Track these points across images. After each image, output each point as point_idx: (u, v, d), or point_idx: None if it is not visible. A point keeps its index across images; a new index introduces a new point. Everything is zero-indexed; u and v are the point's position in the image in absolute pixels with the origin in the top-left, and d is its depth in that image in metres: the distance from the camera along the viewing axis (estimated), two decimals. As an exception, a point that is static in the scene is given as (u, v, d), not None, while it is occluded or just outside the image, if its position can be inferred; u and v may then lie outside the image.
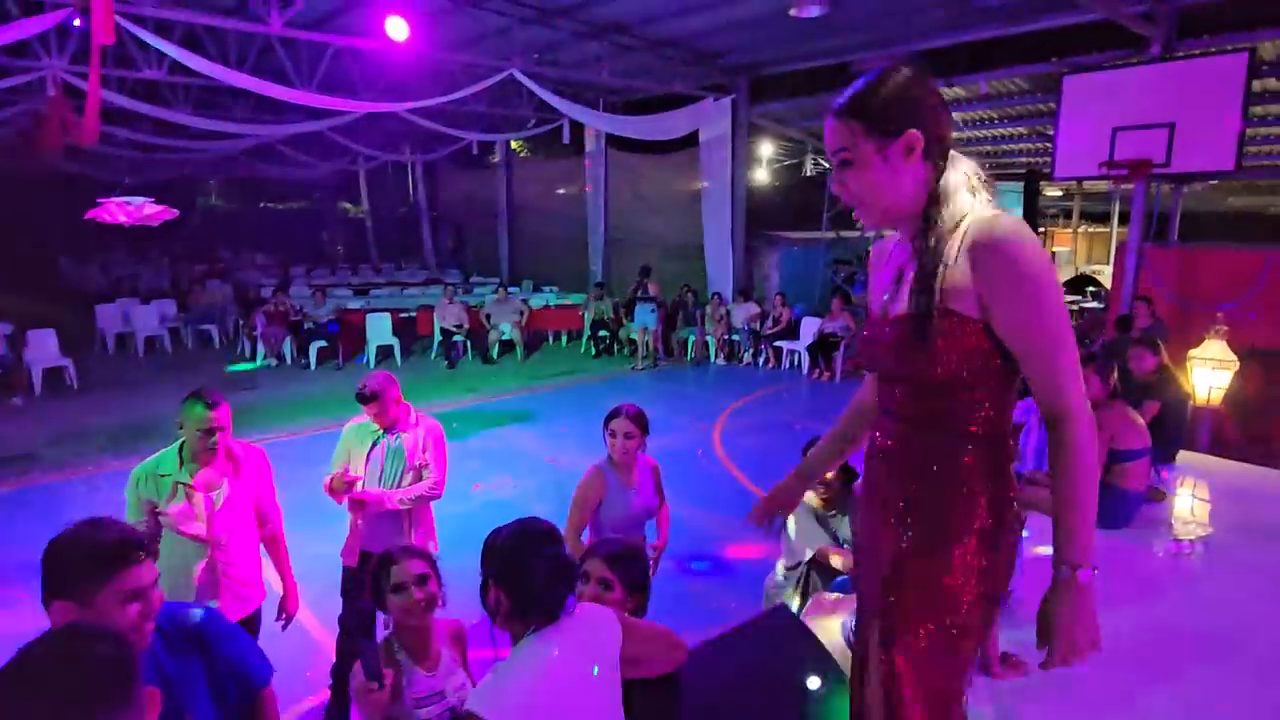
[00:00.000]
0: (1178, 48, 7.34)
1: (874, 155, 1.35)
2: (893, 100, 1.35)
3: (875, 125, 1.35)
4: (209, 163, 16.03)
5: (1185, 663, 2.55)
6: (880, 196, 1.39)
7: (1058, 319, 1.29)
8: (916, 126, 1.34)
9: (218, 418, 2.61)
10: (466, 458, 6.39)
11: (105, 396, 8.89)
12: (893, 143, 1.34)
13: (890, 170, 1.36)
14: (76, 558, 1.43)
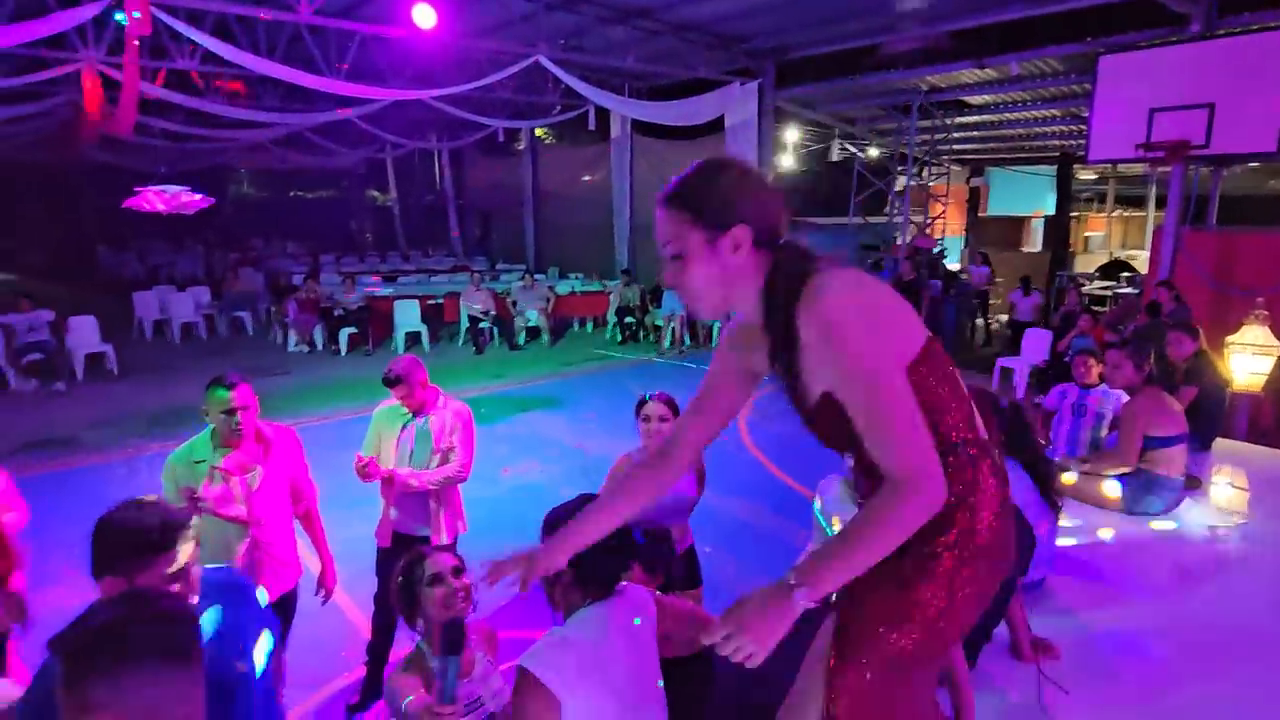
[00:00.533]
0: (1218, 25, 7.14)
1: (704, 247, 1.33)
2: (719, 193, 1.33)
3: (703, 217, 1.32)
4: (240, 152, 16.28)
5: (1220, 652, 2.52)
6: (713, 289, 1.37)
7: (873, 380, 1.22)
8: (744, 220, 1.32)
9: (238, 398, 2.67)
10: (494, 443, 6.47)
11: (144, 381, 9.11)
12: (721, 236, 1.32)
13: (720, 263, 1.33)
14: (123, 540, 1.50)
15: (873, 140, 14.39)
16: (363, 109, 11.27)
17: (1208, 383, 4.44)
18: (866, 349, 1.23)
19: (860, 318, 1.24)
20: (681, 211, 1.34)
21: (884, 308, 1.29)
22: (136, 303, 12.12)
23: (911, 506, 1.21)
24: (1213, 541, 3.37)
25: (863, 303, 1.26)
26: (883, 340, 1.25)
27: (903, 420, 1.22)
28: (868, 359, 1.23)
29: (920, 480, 1.20)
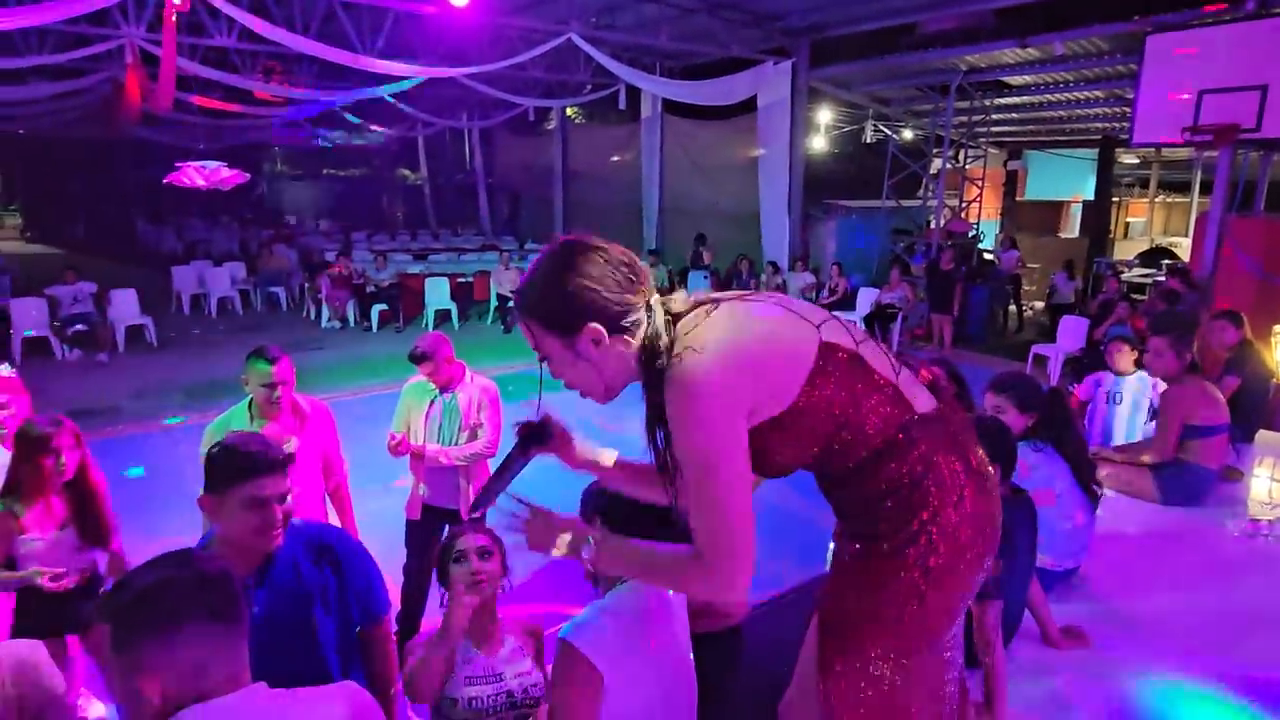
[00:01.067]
0: (1274, 3, 6.87)
1: (564, 351, 1.30)
2: (559, 297, 1.27)
3: (552, 326, 1.29)
4: (274, 130, 16.44)
5: (1256, 646, 2.48)
6: (592, 384, 1.34)
7: (700, 463, 1.21)
8: (590, 318, 1.26)
9: (279, 372, 2.74)
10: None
11: (183, 354, 9.33)
12: (576, 337, 1.27)
13: (584, 361, 1.29)
14: (222, 460, 1.71)
15: (908, 122, 14.11)
16: (395, 87, 11.31)
17: (1251, 373, 4.32)
18: (696, 432, 1.22)
19: (696, 399, 1.21)
20: (532, 321, 1.31)
21: (737, 378, 1.23)
22: (175, 277, 12.36)
23: (695, 577, 1.27)
24: (1251, 535, 3.30)
25: (705, 380, 1.21)
26: (716, 421, 1.21)
27: (721, 511, 1.22)
28: (699, 443, 1.22)
29: (710, 561, 1.22)
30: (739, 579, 1.23)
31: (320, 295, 11.37)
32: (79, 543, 2.56)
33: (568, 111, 16.90)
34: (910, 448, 1.28)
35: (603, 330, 1.27)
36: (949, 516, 1.28)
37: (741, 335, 1.27)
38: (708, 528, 1.22)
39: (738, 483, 1.22)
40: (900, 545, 1.29)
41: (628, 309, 1.29)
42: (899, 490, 1.29)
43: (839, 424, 1.27)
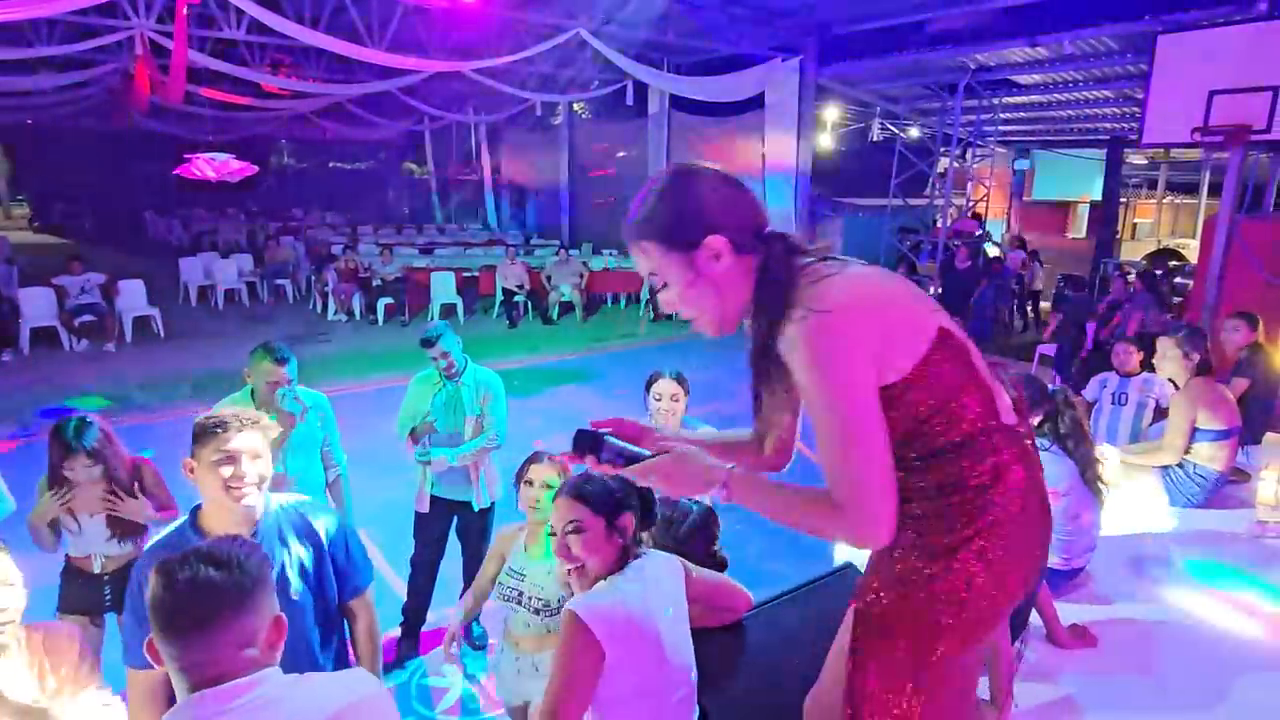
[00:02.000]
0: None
1: (684, 271, 1.27)
2: (681, 209, 1.26)
3: (672, 241, 1.26)
4: (282, 123, 16.47)
5: (1260, 646, 2.48)
6: (710, 308, 1.30)
7: (835, 409, 1.16)
8: (714, 230, 1.24)
9: (285, 373, 2.78)
10: (527, 415, 6.53)
11: (190, 345, 9.35)
12: (696, 254, 1.25)
13: (705, 280, 1.27)
14: (198, 423, 1.81)
15: (915, 120, 14.07)
16: (402, 80, 11.32)
17: (1260, 375, 4.31)
18: (836, 374, 1.16)
19: (834, 338, 1.17)
20: (649, 240, 1.28)
21: (870, 323, 1.19)
22: (182, 268, 12.38)
23: (834, 528, 1.22)
24: (1259, 536, 3.30)
25: (841, 320, 1.17)
26: (856, 364, 1.17)
27: (860, 458, 1.16)
28: (836, 386, 1.16)
29: (852, 516, 1.16)
30: (879, 529, 1.16)
31: (327, 288, 11.40)
32: (109, 533, 2.59)
33: (575, 107, 16.90)
34: (989, 453, 1.26)
35: (726, 243, 1.25)
36: (1007, 530, 1.25)
37: (872, 288, 1.24)
38: (843, 476, 1.17)
39: (873, 427, 1.17)
40: (954, 546, 1.26)
41: (747, 227, 1.28)
42: (965, 490, 1.25)
43: (936, 410, 1.23)
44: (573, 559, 1.63)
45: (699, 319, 1.33)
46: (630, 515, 1.66)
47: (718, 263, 1.25)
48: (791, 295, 1.22)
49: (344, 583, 1.93)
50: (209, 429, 1.77)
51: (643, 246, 1.29)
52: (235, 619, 1.16)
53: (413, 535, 3.45)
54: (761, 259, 1.27)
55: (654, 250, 1.28)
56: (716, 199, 1.27)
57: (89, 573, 2.62)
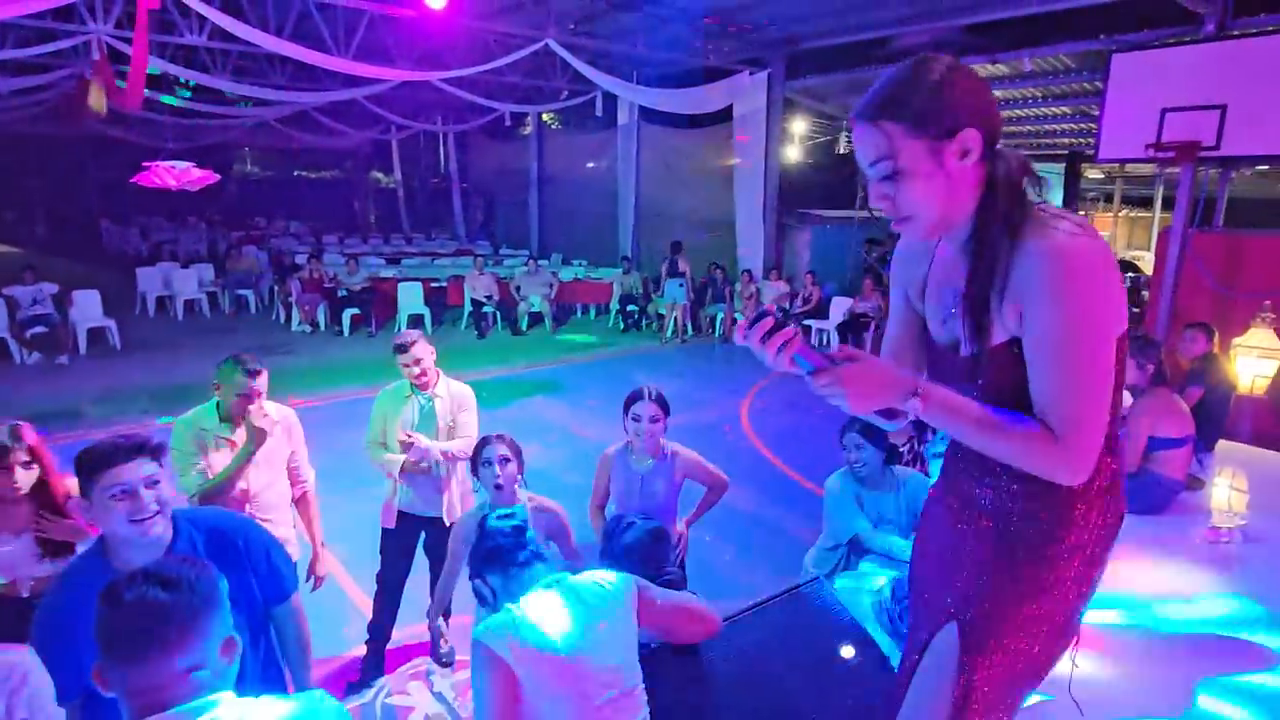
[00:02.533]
0: (1233, 26, 7.08)
1: (925, 161, 1.17)
2: (940, 94, 1.16)
3: (924, 126, 1.16)
4: (245, 130, 16.21)
5: (1216, 651, 2.54)
6: (934, 209, 1.20)
7: (1082, 346, 1.13)
8: (973, 123, 1.16)
9: (257, 386, 2.71)
10: (496, 426, 6.37)
11: (147, 357, 9.12)
12: (946, 144, 1.16)
13: (944, 176, 1.17)
14: (82, 458, 1.67)
15: (881, 134, 14.31)
16: (369, 89, 11.22)
17: (1214, 384, 4.44)
18: (1088, 308, 1.12)
19: (1095, 272, 1.12)
20: (895, 122, 1.17)
21: (1115, 267, 1.16)
22: (140, 278, 12.10)
23: (1044, 457, 1.15)
24: (1213, 541, 3.38)
25: (1100, 255, 1.13)
26: (1107, 304, 1.14)
27: (1094, 396, 1.14)
28: (1085, 320, 1.12)
29: (1071, 451, 1.14)
30: (1087, 464, 1.15)
31: (291, 298, 11.21)
32: (38, 552, 2.47)
33: (544, 117, 16.89)
34: (1114, 454, 1.27)
35: (980, 140, 1.17)
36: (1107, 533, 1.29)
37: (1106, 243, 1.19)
38: (1073, 412, 1.13)
39: (1109, 371, 1.14)
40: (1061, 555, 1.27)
41: (996, 133, 1.20)
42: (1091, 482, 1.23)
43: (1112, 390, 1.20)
44: None
45: (914, 221, 1.23)
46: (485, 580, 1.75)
47: (963, 160, 1.17)
48: (1038, 218, 1.17)
49: (266, 591, 1.89)
50: (96, 460, 1.65)
51: (883, 128, 1.18)
52: (185, 641, 1.12)
53: (379, 552, 3.39)
54: (993, 171, 1.20)
55: (896, 134, 1.17)
56: (978, 93, 1.19)
57: (16, 597, 2.37)
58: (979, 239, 1.21)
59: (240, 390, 2.69)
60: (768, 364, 1.21)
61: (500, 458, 2.58)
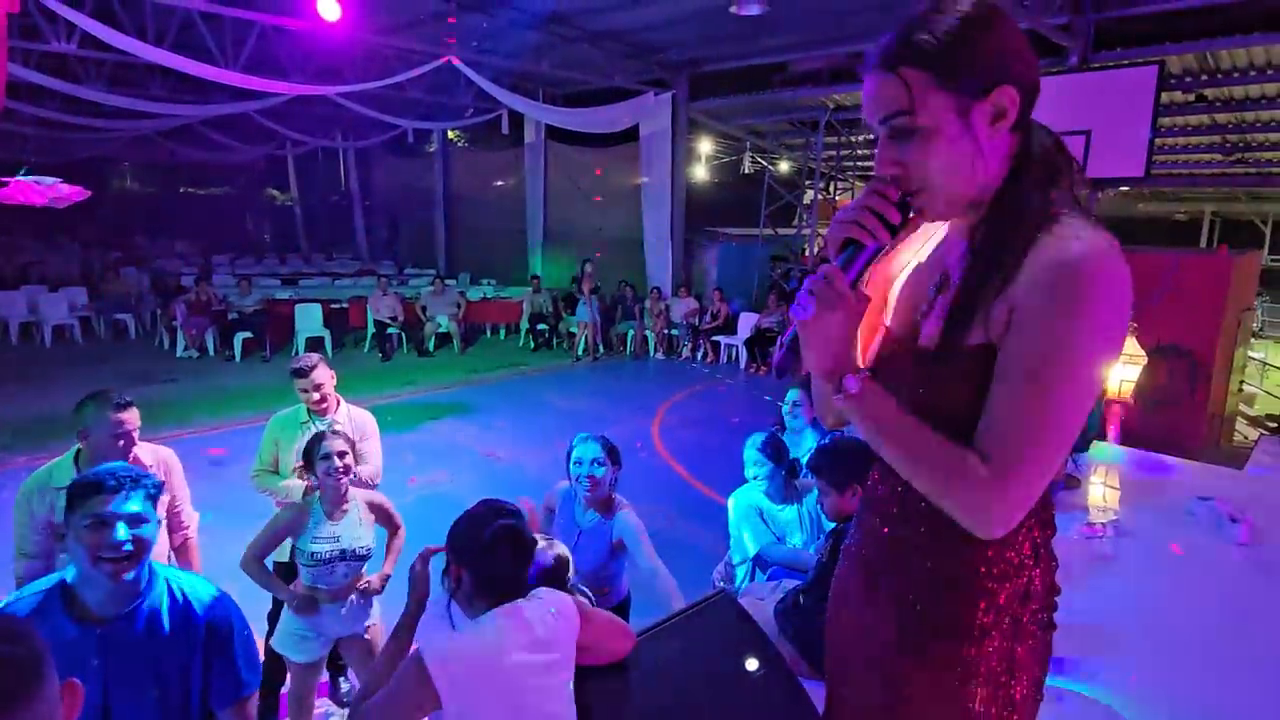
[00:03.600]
0: (1094, 59, 7.72)
1: (951, 119, 0.97)
2: (978, 41, 0.96)
3: (954, 78, 0.96)
4: (124, 144, 15.22)
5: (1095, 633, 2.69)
6: (955, 176, 1.00)
7: (1067, 370, 0.92)
8: (1010, 82, 0.96)
9: (130, 420, 2.42)
10: (402, 451, 6.25)
11: (8, 389, 8.35)
12: (978, 103, 0.97)
13: (972, 140, 0.98)
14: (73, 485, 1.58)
15: (782, 154, 14.82)
16: (260, 103, 10.74)
17: (1086, 389, 4.75)
18: (1090, 334, 0.92)
19: (1115, 297, 0.92)
20: (919, 69, 0.96)
21: (1127, 300, 0.94)
22: (0, 303, 11.12)
23: (971, 495, 0.95)
24: (1089, 536, 3.61)
25: (1125, 280, 0.93)
26: (1108, 331, 0.93)
27: (1054, 434, 0.94)
28: (1086, 346, 0.92)
29: (1006, 493, 0.93)
30: (1015, 513, 0.95)
31: (175, 322, 10.53)
32: None
33: (449, 134, 16.63)
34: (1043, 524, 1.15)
35: (1017, 106, 0.97)
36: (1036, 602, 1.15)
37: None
38: (1020, 437, 0.92)
39: (1083, 403, 0.94)
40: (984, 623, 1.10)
41: (1033, 98, 1.00)
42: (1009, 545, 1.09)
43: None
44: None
45: (926, 195, 1.01)
46: (464, 570, 1.62)
47: (994, 125, 0.98)
48: (1063, 216, 0.97)
49: (217, 683, 1.67)
50: (81, 489, 1.54)
51: (905, 75, 0.97)
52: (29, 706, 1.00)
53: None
54: (1026, 144, 1.02)
55: (919, 84, 0.96)
56: (1020, 46, 0.98)
57: None
58: (995, 221, 1.01)
59: (114, 430, 2.37)
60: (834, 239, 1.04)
61: (338, 451, 2.60)
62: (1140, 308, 6.66)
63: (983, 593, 1.08)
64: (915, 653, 1.13)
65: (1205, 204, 17.88)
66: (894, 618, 1.15)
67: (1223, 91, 8.99)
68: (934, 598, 1.11)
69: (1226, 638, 2.73)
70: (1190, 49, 7.84)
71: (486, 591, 1.61)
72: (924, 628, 1.12)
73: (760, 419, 2.14)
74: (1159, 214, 19.08)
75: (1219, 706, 2.34)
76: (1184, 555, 3.43)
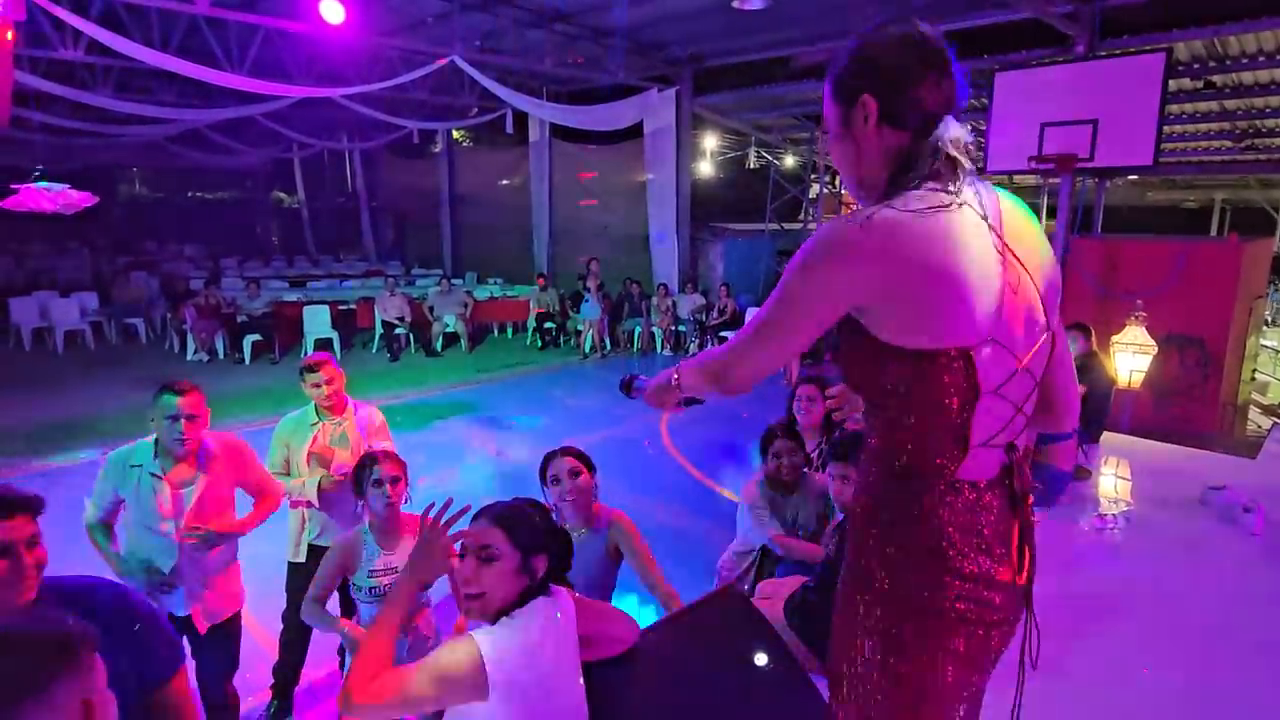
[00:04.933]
0: (1100, 47, 7.66)
1: (837, 124, 1.26)
2: (849, 63, 1.23)
3: (836, 89, 1.25)
4: (132, 149, 15.33)
5: (1107, 624, 2.68)
6: (846, 169, 1.28)
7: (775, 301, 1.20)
8: (870, 90, 1.19)
9: (185, 404, 2.56)
10: (411, 451, 6.22)
11: (23, 394, 8.43)
12: (849, 109, 1.22)
13: (851, 139, 1.24)
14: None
15: (787, 149, 14.77)
16: (267, 106, 10.78)
17: (1096, 380, 4.73)
18: (797, 272, 1.16)
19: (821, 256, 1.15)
20: (827, 84, 1.27)
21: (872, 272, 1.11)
22: (13, 309, 11.22)
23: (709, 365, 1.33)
24: (1101, 528, 3.59)
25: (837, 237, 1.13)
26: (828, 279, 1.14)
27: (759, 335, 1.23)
28: (791, 278, 1.17)
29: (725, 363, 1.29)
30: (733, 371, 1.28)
31: (185, 326, 10.60)
32: None
33: (454, 134, 16.66)
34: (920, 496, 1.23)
35: (874, 108, 1.20)
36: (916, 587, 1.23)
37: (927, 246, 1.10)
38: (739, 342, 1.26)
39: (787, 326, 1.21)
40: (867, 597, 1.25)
41: (906, 101, 1.19)
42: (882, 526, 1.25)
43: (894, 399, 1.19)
44: (473, 585, 1.53)
45: (844, 178, 1.31)
46: (544, 558, 1.59)
47: (865, 125, 1.21)
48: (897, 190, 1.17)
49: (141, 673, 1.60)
50: None
51: (823, 89, 1.29)
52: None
53: (285, 589, 3.21)
54: (921, 139, 1.19)
55: (826, 96, 1.28)
56: (895, 62, 1.20)
57: None
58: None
59: (168, 411, 2.53)
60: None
61: (389, 477, 2.50)
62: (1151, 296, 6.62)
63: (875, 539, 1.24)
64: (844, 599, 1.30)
65: (1215, 191, 17.71)
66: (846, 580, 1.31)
67: (1232, 77, 8.90)
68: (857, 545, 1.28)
69: (1240, 627, 2.72)
70: (1198, 35, 7.75)
71: (544, 581, 1.61)
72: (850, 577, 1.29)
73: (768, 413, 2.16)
74: (1169, 202, 18.93)
75: (1232, 695, 2.33)
76: (1196, 545, 3.41)
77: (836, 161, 1.30)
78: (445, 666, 1.44)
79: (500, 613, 1.54)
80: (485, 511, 1.62)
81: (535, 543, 1.57)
